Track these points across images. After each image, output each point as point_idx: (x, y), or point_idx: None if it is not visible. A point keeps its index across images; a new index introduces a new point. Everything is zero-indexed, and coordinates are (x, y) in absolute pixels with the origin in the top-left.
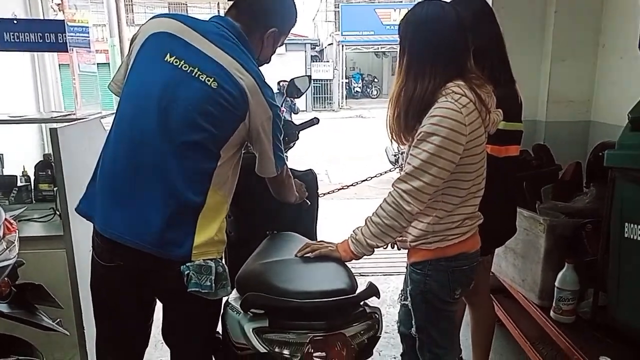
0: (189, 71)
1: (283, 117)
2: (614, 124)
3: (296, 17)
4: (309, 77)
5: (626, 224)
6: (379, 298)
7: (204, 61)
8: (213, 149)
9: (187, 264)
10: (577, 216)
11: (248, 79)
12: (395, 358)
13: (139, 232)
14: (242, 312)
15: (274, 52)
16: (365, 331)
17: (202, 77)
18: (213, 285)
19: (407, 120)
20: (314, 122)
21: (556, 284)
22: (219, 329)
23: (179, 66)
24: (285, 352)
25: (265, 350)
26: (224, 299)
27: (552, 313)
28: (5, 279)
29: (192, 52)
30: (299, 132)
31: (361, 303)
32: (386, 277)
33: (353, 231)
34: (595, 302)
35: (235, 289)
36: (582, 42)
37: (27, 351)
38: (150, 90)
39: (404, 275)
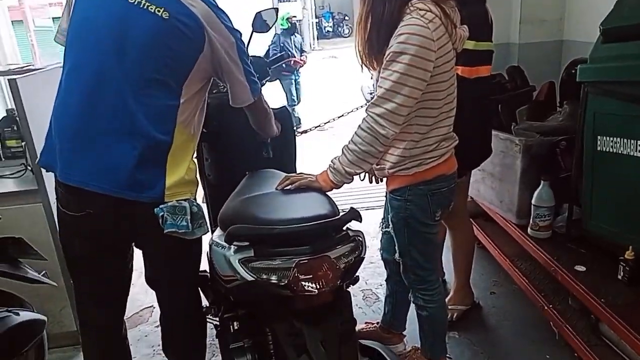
0: (136, 3)
1: (254, 56)
2: (587, 42)
3: None
4: (276, 9)
5: (598, 137)
6: (360, 221)
7: None
8: (173, 85)
9: (160, 206)
10: (551, 135)
11: (200, 5)
12: (381, 285)
13: (106, 176)
14: (227, 246)
15: None
16: (350, 253)
17: (151, 9)
18: (189, 224)
19: (378, 43)
20: (284, 56)
21: (533, 201)
22: (206, 267)
23: None
24: (273, 278)
25: (253, 278)
26: (206, 238)
27: (529, 230)
28: None
29: None
30: (270, 69)
31: (344, 227)
32: (368, 210)
33: (331, 161)
34: (569, 216)
35: (218, 227)
36: None
37: (15, 304)
38: (99, 30)
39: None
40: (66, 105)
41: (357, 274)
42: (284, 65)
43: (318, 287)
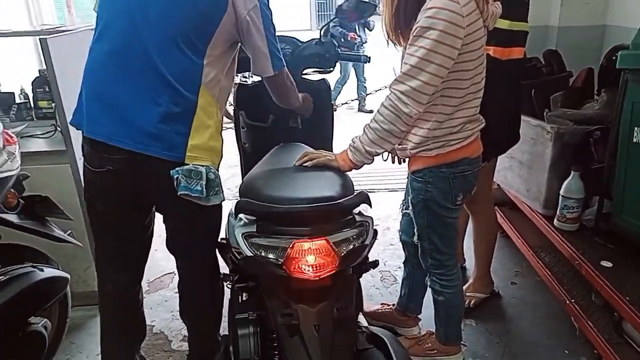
0: None
1: (327, 38)
2: (632, 27)
3: None
4: (375, 6)
5: (636, 129)
6: (370, 206)
7: None
8: (198, 44)
9: (176, 168)
10: (585, 123)
11: None
12: (400, 267)
13: (130, 132)
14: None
15: None
16: (354, 238)
17: None
18: (204, 190)
19: (405, 17)
20: (360, 59)
21: (561, 192)
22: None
23: None
24: (271, 256)
25: (252, 254)
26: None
27: (555, 221)
28: (12, 190)
29: None
30: (336, 61)
31: (354, 211)
32: (391, 193)
33: (352, 139)
34: (599, 209)
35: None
36: None
37: (40, 260)
38: None
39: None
40: (96, 63)
41: (376, 259)
42: (342, 39)
43: (314, 270)
